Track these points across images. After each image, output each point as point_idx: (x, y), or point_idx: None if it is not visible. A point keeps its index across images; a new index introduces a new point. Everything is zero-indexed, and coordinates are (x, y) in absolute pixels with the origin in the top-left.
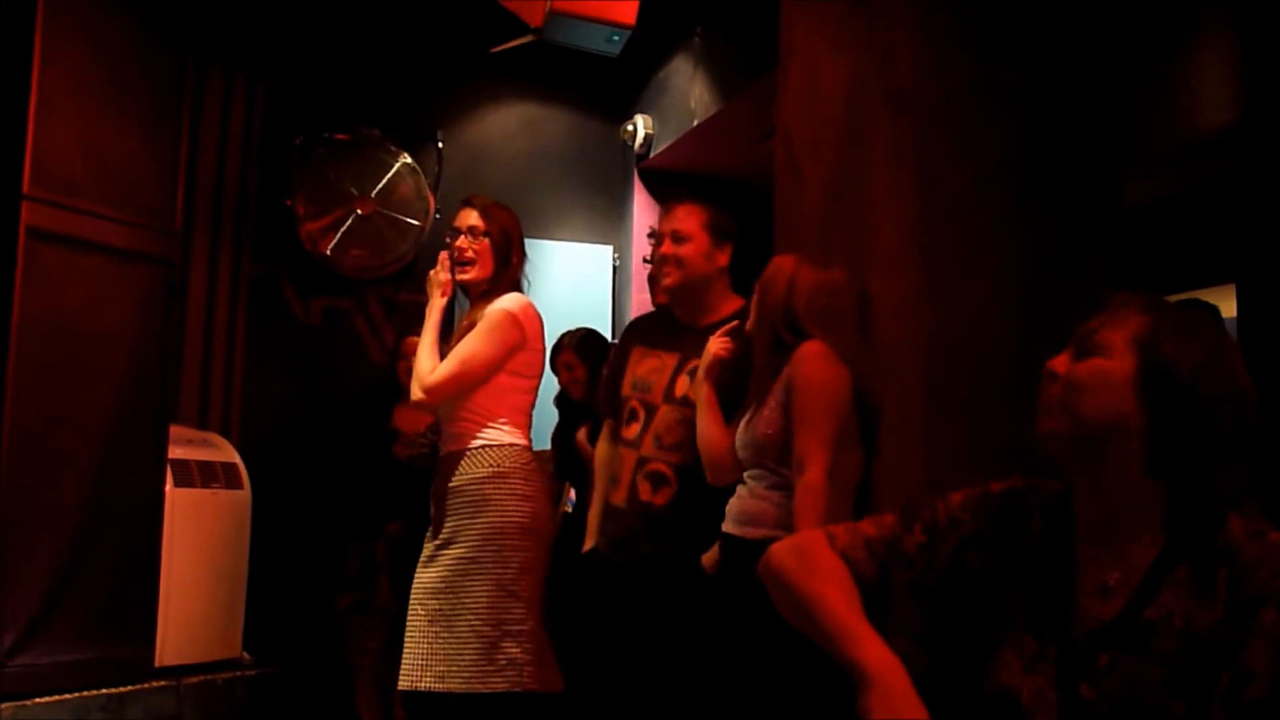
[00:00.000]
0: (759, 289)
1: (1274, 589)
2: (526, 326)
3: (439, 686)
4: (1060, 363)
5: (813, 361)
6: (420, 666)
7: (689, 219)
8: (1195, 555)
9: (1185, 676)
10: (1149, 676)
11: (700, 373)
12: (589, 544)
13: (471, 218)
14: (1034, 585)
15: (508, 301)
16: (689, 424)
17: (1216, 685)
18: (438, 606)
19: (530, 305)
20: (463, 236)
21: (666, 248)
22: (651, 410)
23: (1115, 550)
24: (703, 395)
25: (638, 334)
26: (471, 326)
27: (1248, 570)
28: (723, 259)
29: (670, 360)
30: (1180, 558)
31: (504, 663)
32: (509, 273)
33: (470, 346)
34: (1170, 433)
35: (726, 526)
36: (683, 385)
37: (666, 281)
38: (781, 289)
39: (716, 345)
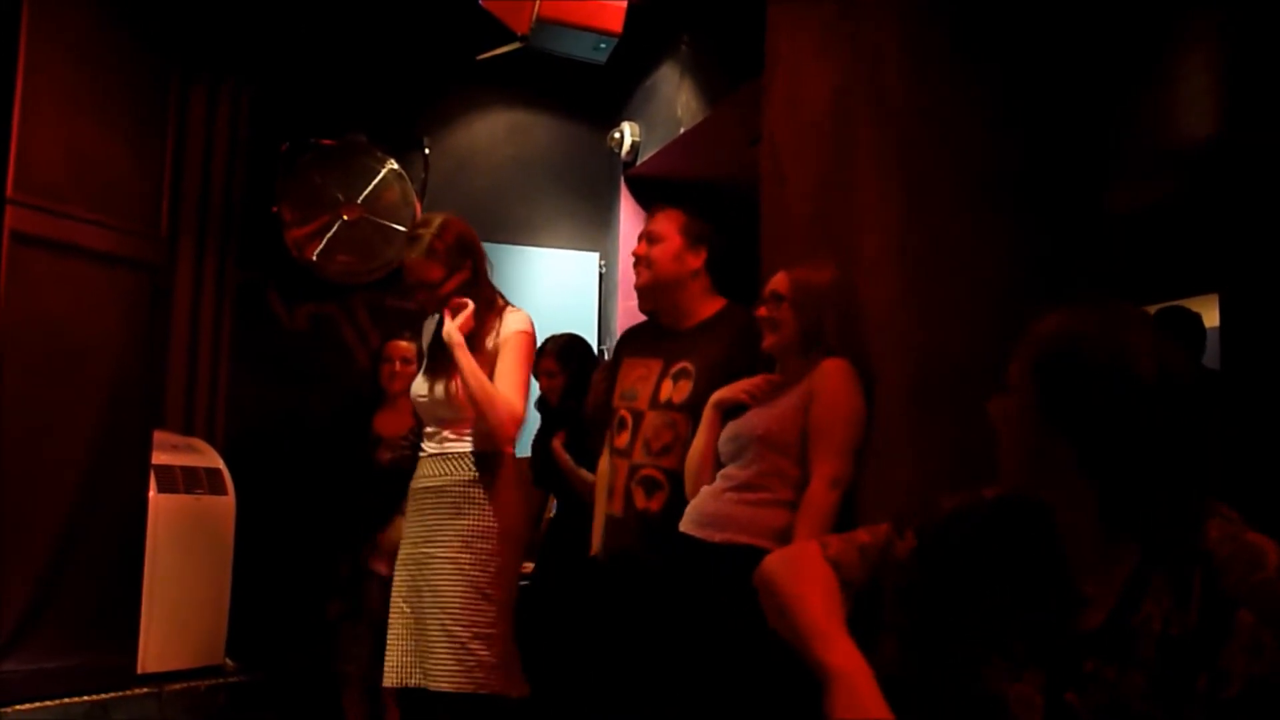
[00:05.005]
0: (796, 308)
1: (1247, 589)
2: (535, 342)
3: (410, 682)
4: (993, 404)
5: (839, 378)
6: (402, 664)
7: (665, 222)
8: (1173, 561)
9: (1165, 681)
10: (1132, 684)
11: (717, 396)
12: (595, 549)
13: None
14: (1023, 592)
15: (520, 322)
16: (676, 426)
17: (1195, 688)
18: (412, 604)
19: (531, 321)
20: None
21: (640, 249)
22: (639, 417)
23: (1098, 559)
24: (706, 415)
25: (627, 345)
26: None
27: (1222, 571)
28: (695, 262)
29: (655, 366)
30: (1159, 564)
31: (472, 664)
32: (477, 277)
33: (514, 376)
34: (1090, 437)
35: (685, 526)
36: (667, 389)
37: (638, 282)
38: (833, 308)
39: (747, 393)
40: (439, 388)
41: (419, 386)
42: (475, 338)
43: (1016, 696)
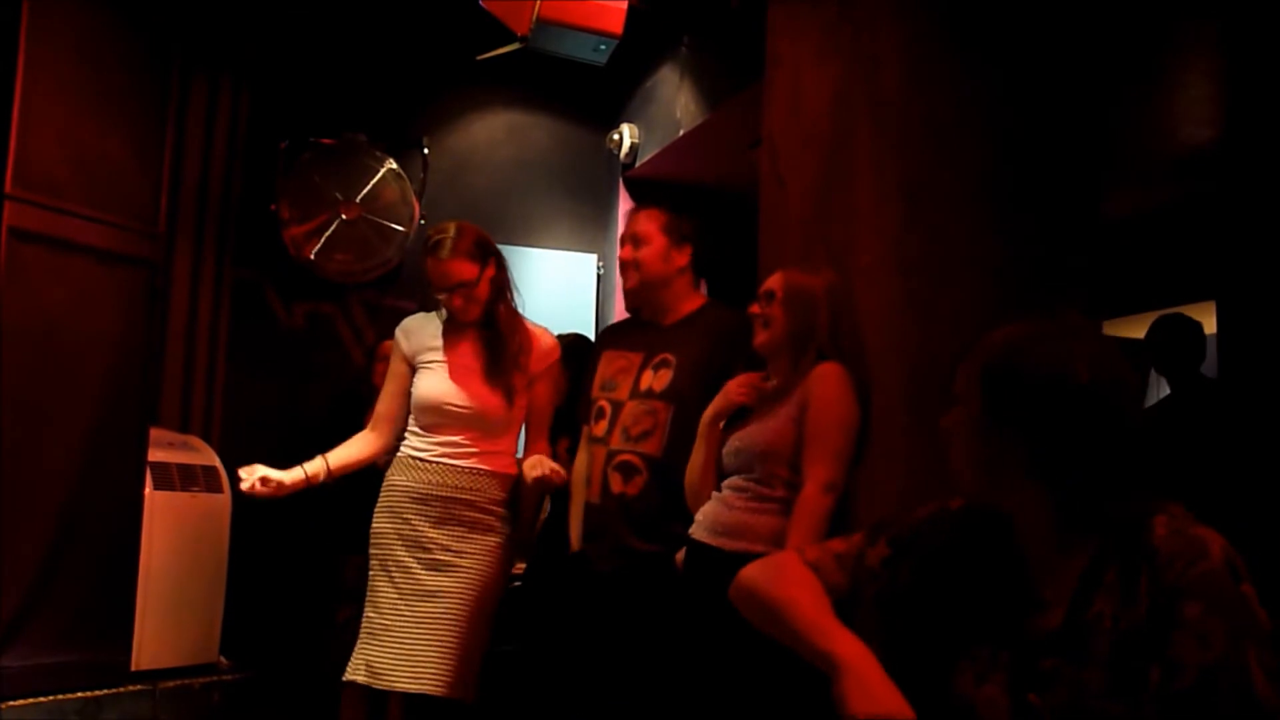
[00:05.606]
0: (788, 307)
1: (1189, 580)
2: None
3: (391, 685)
4: (944, 418)
5: (833, 382)
6: (388, 667)
7: (648, 223)
8: (1122, 558)
9: (1121, 678)
10: (1090, 681)
11: (711, 411)
12: (576, 547)
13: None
14: (988, 597)
15: (555, 349)
16: (655, 414)
17: (1148, 681)
18: (418, 608)
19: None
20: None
21: (626, 253)
22: (618, 406)
23: (1055, 561)
24: (703, 432)
25: (608, 339)
26: (497, 341)
27: (1166, 565)
28: (680, 259)
29: (636, 358)
30: (1109, 562)
31: (467, 675)
32: (502, 273)
33: (551, 413)
34: (1034, 439)
35: (697, 533)
36: (648, 379)
37: (627, 285)
38: (825, 311)
39: (737, 392)
40: (486, 403)
41: (448, 393)
42: (504, 346)
43: (984, 699)
